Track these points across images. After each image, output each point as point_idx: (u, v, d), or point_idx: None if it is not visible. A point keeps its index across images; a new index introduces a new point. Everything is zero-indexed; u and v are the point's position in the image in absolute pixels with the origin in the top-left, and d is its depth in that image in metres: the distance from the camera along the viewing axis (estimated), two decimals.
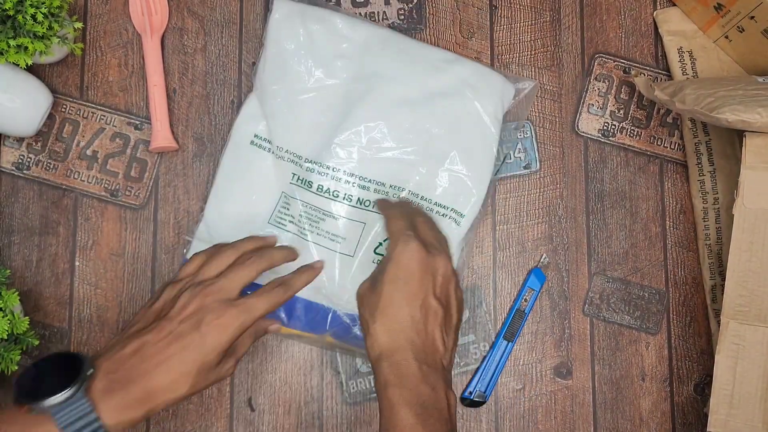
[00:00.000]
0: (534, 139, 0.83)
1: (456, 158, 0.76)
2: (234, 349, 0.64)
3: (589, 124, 0.84)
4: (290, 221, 0.75)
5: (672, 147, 0.84)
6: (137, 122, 0.81)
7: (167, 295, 0.63)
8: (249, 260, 0.65)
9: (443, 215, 0.76)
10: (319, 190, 0.75)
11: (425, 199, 0.76)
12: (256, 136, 0.77)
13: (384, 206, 0.69)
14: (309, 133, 0.76)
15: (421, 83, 0.77)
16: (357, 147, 0.75)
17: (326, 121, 0.76)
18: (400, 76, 0.77)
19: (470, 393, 0.79)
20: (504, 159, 0.81)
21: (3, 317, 0.68)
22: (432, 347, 0.60)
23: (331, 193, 0.75)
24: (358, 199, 0.75)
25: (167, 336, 0.59)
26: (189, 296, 0.61)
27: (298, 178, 0.75)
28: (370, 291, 0.61)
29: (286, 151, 0.76)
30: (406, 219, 0.65)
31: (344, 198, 0.75)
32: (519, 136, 0.83)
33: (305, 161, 0.75)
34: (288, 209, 0.76)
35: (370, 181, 0.76)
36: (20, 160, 0.80)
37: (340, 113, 0.76)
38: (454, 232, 0.76)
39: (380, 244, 0.75)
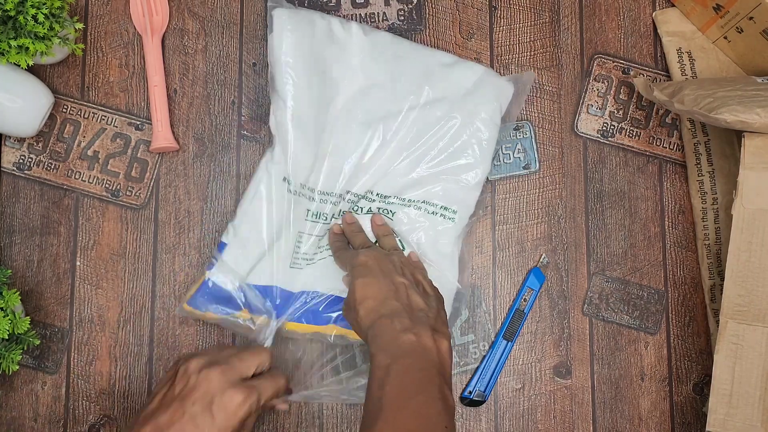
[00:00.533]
0: (533, 139, 0.83)
1: (453, 162, 0.77)
2: (244, 425, 0.65)
3: (588, 124, 0.84)
4: (303, 258, 0.76)
5: (671, 147, 0.84)
6: (138, 122, 0.81)
7: (182, 372, 0.64)
8: (263, 349, 0.70)
9: (433, 212, 0.77)
10: (323, 218, 0.76)
11: (410, 200, 0.77)
12: (284, 179, 0.76)
13: (333, 241, 0.75)
14: (317, 161, 0.76)
15: (418, 89, 0.77)
16: (351, 158, 0.76)
17: (324, 142, 0.76)
18: (396, 83, 0.77)
19: (470, 392, 0.79)
20: (492, 159, 0.80)
21: (4, 317, 0.68)
22: (412, 305, 0.65)
23: (331, 218, 0.77)
24: (349, 208, 0.77)
25: (182, 417, 0.61)
26: (203, 375, 0.63)
27: (313, 214, 0.76)
28: (347, 298, 0.67)
29: (301, 185, 0.76)
30: (363, 239, 0.73)
31: (339, 213, 0.77)
32: (518, 137, 0.83)
33: (317, 193, 0.76)
34: (300, 248, 0.76)
35: (358, 194, 0.76)
36: (21, 161, 0.80)
37: (337, 130, 0.76)
38: (449, 230, 0.77)
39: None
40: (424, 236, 0.76)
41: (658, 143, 0.84)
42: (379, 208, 0.77)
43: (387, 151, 0.76)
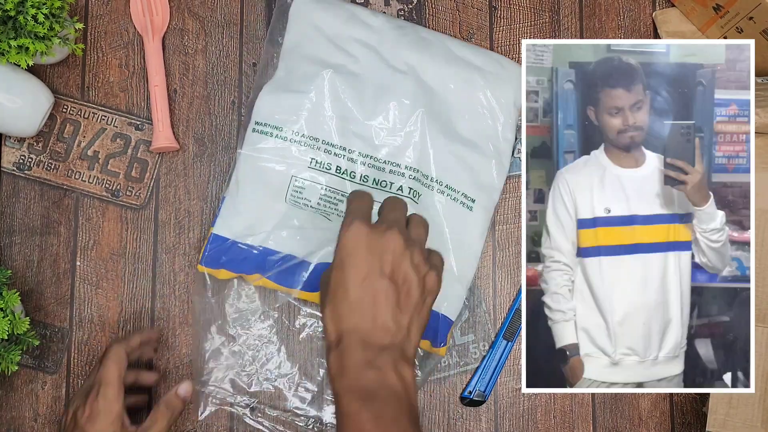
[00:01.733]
0: None
1: (471, 142, 0.78)
2: None
3: None
4: (305, 203, 0.77)
5: None
6: (138, 122, 0.81)
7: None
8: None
9: (454, 199, 0.78)
10: (338, 171, 0.77)
11: (438, 182, 0.78)
12: (257, 123, 0.77)
13: (354, 198, 0.66)
14: (326, 118, 0.77)
15: (438, 70, 0.78)
16: (372, 130, 0.77)
17: (344, 105, 0.77)
18: (418, 63, 0.78)
19: (470, 392, 0.79)
20: (513, 144, 0.81)
21: (3, 317, 0.68)
22: (380, 328, 0.59)
23: (348, 174, 0.77)
24: (374, 179, 0.77)
25: None
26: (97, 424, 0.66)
27: (317, 162, 0.76)
28: (325, 278, 0.61)
29: (302, 135, 0.76)
30: (363, 204, 0.64)
31: (361, 178, 0.77)
32: (518, 137, 0.83)
33: (323, 143, 0.77)
34: (302, 193, 0.76)
35: (384, 162, 0.77)
36: (21, 161, 0.80)
37: (358, 99, 0.77)
38: (468, 218, 0.78)
39: None
40: (447, 224, 0.77)
41: None
42: (410, 188, 0.77)
43: (405, 127, 0.77)
